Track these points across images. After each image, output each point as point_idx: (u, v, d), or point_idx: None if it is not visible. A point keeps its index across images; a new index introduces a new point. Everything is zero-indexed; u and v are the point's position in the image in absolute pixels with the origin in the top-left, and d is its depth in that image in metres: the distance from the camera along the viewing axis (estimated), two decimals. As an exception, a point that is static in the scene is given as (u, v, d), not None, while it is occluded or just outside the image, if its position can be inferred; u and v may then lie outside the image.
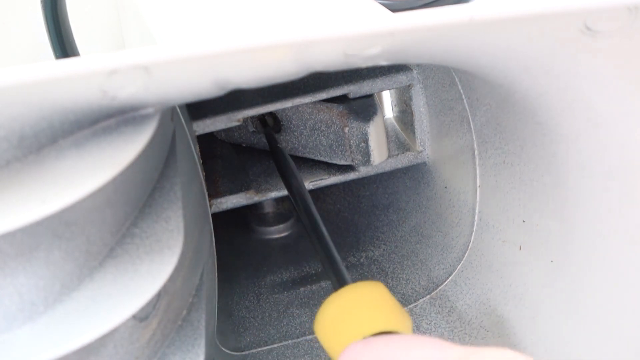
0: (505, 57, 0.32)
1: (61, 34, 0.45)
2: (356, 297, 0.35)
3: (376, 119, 0.49)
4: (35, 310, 0.29)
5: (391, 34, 0.26)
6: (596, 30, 0.29)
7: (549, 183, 0.39)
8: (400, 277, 0.52)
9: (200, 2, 0.43)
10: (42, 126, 0.27)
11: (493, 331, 0.45)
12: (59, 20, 0.45)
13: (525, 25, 0.28)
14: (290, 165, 0.47)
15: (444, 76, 0.47)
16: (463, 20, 0.26)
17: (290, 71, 0.29)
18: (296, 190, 0.44)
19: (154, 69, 0.25)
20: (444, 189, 0.51)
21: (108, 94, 0.26)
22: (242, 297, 0.53)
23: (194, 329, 0.35)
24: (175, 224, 0.32)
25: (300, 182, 0.45)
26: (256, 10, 0.40)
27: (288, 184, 0.46)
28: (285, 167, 0.47)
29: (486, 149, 0.45)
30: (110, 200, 0.30)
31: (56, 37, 0.45)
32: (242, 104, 0.49)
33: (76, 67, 0.25)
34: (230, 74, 0.27)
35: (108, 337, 0.30)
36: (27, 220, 0.26)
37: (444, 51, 0.31)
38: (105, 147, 0.28)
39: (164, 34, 0.42)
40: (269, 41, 0.24)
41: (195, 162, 0.44)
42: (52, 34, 0.45)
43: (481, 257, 0.47)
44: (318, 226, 0.41)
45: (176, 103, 0.33)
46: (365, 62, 0.31)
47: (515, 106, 0.38)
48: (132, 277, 0.30)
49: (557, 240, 0.39)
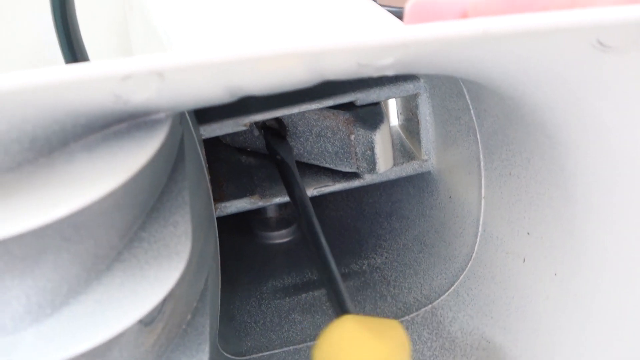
0: (517, 70, 0.32)
1: (71, 38, 0.45)
2: (358, 332, 0.34)
3: (382, 127, 0.50)
4: (42, 312, 0.29)
5: (406, 45, 0.26)
6: (609, 46, 0.29)
7: (556, 196, 0.39)
8: (402, 286, 0.52)
9: (209, 6, 0.43)
10: (54, 129, 0.27)
11: (494, 342, 0.45)
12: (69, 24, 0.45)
13: (537, 39, 0.28)
14: (296, 177, 0.47)
15: (451, 86, 0.47)
16: (477, 33, 0.26)
17: (303, 79, 0.29)
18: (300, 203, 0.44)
19: (168, 75, 0.26)
20: (449, 199, 0.51)
21: (121, 99, 0.27)
22: (244, 301, 0.53)
23: (198, 334, 0.35)
24: (183, 229, 0.32)
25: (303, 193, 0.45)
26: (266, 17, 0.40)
27: (292, 196, 0.46)
28: (290, 180, 0.47)
29: (492, 160, 0.45)
30: (120, 204, 0.30)
31: (66, 42, 0.45)
32: (248, 108, 0.49)
33: (90, 71, 0.25)
34: (243, 82, 0.27)
35: (114, 341, 0.30)
36: (37, 223, 0.26)
37: (456, 63, 0.32)
38: (116, 152, 0.28)
39: (172, 37, 0.42)
40: (283, 50, 0.24)
41: (202, 166, 0.44)
42: (62, 38, 0.46)
43: (484, 268, 0.47)
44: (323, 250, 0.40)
45: (188, 108, 0.33)
46: (377, 72, 0.31)
47: (524, 118, 0.38)
48: (140, 281, 0.30)
49: (562, 253, 0.39)
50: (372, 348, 0.33)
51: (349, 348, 0.33)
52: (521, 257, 0.43)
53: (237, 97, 0.30)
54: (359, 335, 0.34)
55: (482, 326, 0.46)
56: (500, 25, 0.26)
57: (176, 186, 0.34)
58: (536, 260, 0.42)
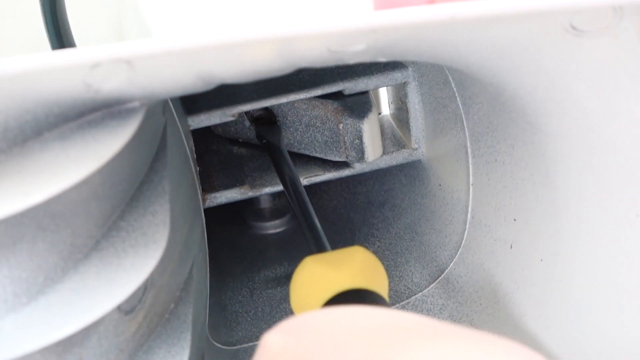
0: (493, 56, 0.32)
1: (58, 25, 0.45)
2: (328, 261, 0.35)
3: (371, 116, 0.50)
4: (18, 301, 0.29)
5: (374, 31, 0.26)
6: (582, 30, 0.29)
7: (539, 182, 0.39)
8: (394, 274, 0.52)
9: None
10: (26, 118, 0.27)
11: (483, 330, 0.45)
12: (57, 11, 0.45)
13: (510, 24, 0.28)
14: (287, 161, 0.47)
15: (438, 74, 0.47)
16: (445, 18, 0.26)
17: (275, 67, 0.29)
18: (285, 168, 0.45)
19: (137, 63, 0.26)
20: (438, 187, 0.51)
21: (92, 87, 0.27)
22: (236, 291, 0.53)
23: (180, 323, 0.36)
24: (162, 217, 0.32)
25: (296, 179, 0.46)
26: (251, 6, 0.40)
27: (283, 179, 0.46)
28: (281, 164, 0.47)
29: (479, 147, 0.45)
30: (96, 193, 0.30)
31: (53, 29, 0.45)
32: (237, 99, 0.49)
33: (58, 59, 0.25)
34: (214, 69, 0.27)
35: (92, 329, 0.30)
36: (10, 211, 0.26)
37: (430, 49, 0.32)
38: (89, 140, 0.28)
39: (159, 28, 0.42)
40: (248, 36, 0.24)
41: (187, 156, 0.44)
42: (49, 26, 0.46)
43: (473, 255, 0.47)
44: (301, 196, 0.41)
45: (163, 97, 0.33)
46: (352, 59, 0.31)
47: (505, 105, 0.38)
48: (117, 269, 0.30)
49: (547, 239, 0.39)
50: (328, 278, 0.35)
51: (308, 284, 0.35)
52: (508, 243, 0.43)
53: (213, 85, 0.30)
54: (316, 270, 0.35)
55: (471, 313, 0.46)
56: (468, 10, 0.26)
57: (157, 176, 0.34)
58: (523, 246, 0.42)
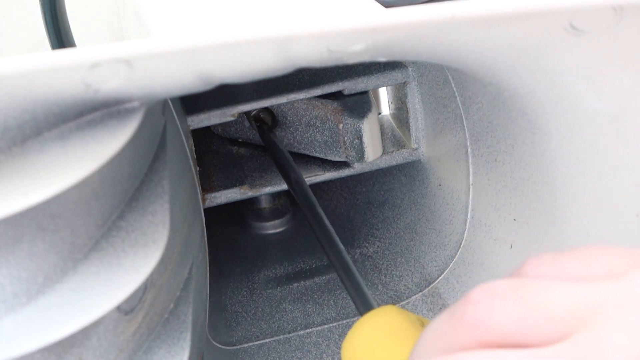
0: (492, 55, 0.32)
1: (58, 25, 0.45)
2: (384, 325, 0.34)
3: (370, 116, 0.50)
4: (17, 301, 0.29)
5: (373, 30, 0.26)
6: (582, 30, 0.29)
7: (539, 181, 0.39)
8: (394, 274, 0.52)
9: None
10: (25, 118, 0.27)
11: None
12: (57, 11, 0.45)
13: (509, 23, 0.28)
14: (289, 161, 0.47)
15: (437, 74, 0.47)
16: (445, 17, 0.26)
17: (275, 66, 0.29)
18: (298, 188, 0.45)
19: (136, 63, 0.26)
20: (438, 187, 0.51)
21: (91, 87, 0.27)
22: (236, 291, 0.53)
23: (180, 323, 0.36)
24: (162, 217, 0.32)
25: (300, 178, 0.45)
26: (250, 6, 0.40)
27: (287, 179, 0.46)
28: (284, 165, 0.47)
29: (479, 147, 0.45)
30: (96, 193, 0.30)
31: (53, 29, 0.45)
32: (237, 99, 0.49)
33: (57, 59, 0.25)
34: (214, 69, 0.27)
35: (91, 329, 0.30)
36: (8, 212, 0.26)
37: (430, 49, 0.31)
38: (89, 140, 0.28)
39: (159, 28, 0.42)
40: (248, 36, 0.24)
41: (187, 156, 0.44)
42: (49, 26, 0.46)
43: (473, 255, 0.47)
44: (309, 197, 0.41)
45: (162, 97, 0.33)
46: (351, 59, 0.31)
47: (505, 105, 0.38)
48: (116, 269, 0.30)
49: (547, 238, 0.39)
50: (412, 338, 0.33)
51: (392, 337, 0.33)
52: (508, 243, 0.43)
53: (213, 85, 0.30)
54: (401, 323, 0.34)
55: (470, 313, 0.46)
56: (468, 9, 0.26)
57: (156, 175, 0.34)
58: (522, 246, 0.42)
